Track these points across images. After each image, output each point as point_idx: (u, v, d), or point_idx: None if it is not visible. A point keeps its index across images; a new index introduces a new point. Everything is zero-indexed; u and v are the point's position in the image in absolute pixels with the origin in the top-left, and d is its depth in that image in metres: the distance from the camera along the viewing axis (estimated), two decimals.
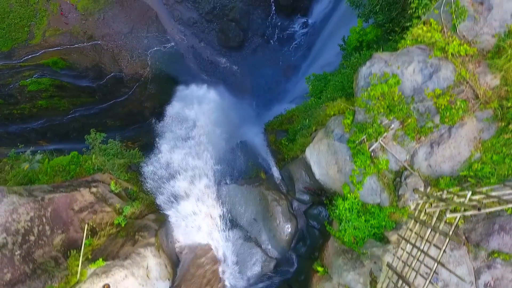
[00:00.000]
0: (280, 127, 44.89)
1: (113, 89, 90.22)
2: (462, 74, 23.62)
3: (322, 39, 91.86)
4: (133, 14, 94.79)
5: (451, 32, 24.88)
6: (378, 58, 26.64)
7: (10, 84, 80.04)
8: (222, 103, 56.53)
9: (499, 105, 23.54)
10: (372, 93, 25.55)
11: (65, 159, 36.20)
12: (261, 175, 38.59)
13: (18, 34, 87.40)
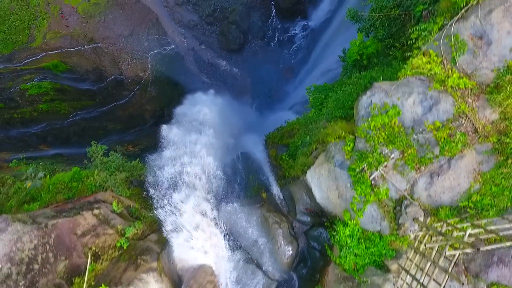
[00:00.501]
0: (281, 141, 44.93)
1: (114, 92, 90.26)
2: (462, 108, 23.83)
3: (323, 43, 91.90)
4: (134, 17, 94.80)
5: (451, 65, 25.06)
6: (379, 87, 26.81)
7: (11, 87, 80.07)
8: (223, 109, 56.74)
9: (498, 140, 23.77)
10: (373, 124, 25.76)
11: (66, 175, 36.35)
12: (262, 195, 38.73)
13: (19, 36, 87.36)
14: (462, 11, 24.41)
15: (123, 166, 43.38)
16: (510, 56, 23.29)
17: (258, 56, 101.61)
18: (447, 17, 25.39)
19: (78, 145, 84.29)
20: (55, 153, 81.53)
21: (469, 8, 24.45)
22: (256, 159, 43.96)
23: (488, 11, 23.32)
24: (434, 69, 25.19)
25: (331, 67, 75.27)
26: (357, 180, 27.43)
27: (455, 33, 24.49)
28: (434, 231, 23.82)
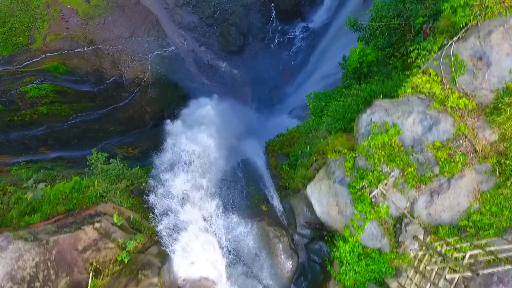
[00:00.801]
0: (281, 150, 44.99)
1: (114, 94, 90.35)
2: (461, 128, 23.92)
3: (323, 45, 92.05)
4: (134, 19, 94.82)
5: (451, 85, 25.13)
6: (379, 105, 26.90)
7: (11, 90, 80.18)
8: (223, 113, 56.85)
9: (498, 161, 23.86)
10: (373, 142, 25.85)
11: (67, 185, 36.35)
12: (262, 207, 38.78)
13: (19, 38, 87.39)
14: (461, 32, 24.45)
15: (123, 174, 43.38)
16: (509, 78, 23.34)
17: (258, 58, 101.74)
18: (447, 37, 25.41)
19: (79, 148, 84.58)
20: (56, 156, 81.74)
21: (468, 28, 24.49)
22: (256, 167, 44.02)
23: (487, 33, 23.36)
24: (434, 88, 25.26)
25: (331, 72, 75.30)
26: (357, 198, 27.51)
27: (455, 53, 24.53)
28: (434, 251, 23.95)
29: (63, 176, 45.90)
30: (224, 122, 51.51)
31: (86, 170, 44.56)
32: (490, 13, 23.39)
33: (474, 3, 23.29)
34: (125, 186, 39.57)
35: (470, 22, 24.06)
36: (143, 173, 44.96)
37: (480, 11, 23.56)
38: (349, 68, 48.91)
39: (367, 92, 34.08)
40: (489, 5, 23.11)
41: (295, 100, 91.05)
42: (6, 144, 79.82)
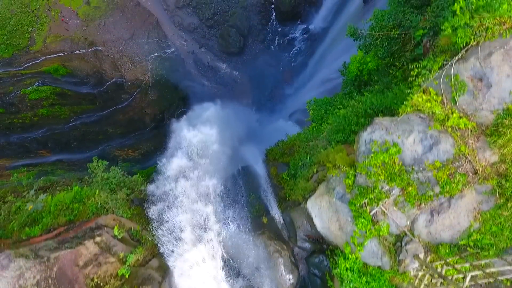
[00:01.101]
0: (282, 158, 44.96)
1: (114, 96, 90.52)
2: (462, 149, 23.93)
3: (323, 47, 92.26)
4: (134, 20, 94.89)
5: (451, 104, 25.12)
6: (379, 124, 26.90)
7: (12, 92, 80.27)
8: (224, 117, 56.84)
9: (498, 183, 23.88)
10: (373, 161, 25.86)
11: (68, 196, 36.28)
12: (263, 220, 38.76)
13: (19, 40, 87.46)
14: (462, 52, 24.44)
15: (123, 181, 43.34)
16: (509, 99, 23.33)
17: (258, 59, 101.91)
18: (447, 57, 25.43)
19: (79, 150, 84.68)
20: (56, 160, 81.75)
21: (468, 48, 24.49)
22: (257, 176, 43.94)
23: (487, 54, 23.34)
24: (434, 108, 25.27)
25: (331, 76, 75.45)
26: (357, 215, 27.54)
27: (455, 74, 24.52)
28: (434, 272, 24.02)
29: (64, 182, 45.82)
30: (226, 126, 51.49)
31: (87, 178, 44.38)
32: (490, 34, 23.40)
33: (474, 24, 23.28)
34: (125, 195, 39.52)
35: (470, 43, 24.06)
36: (143, 180, 44.90)
37: (481, 32, 23.55)
38: (349, 76, 48.96)
39: (367, 105, 34.15)
40: (489, 26, 23.13)
41: (295, 102, 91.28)
42: (7, 147, 79.81)
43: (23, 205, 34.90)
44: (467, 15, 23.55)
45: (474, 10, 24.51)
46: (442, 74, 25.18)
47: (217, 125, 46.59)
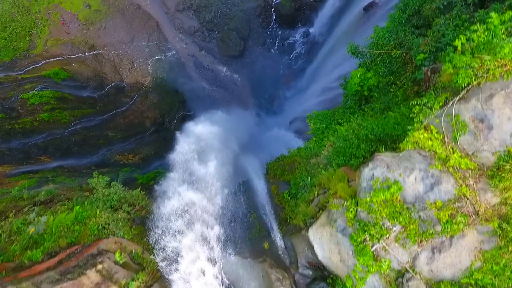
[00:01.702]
0: (282, 176, 44.95)
1: (114, 99, 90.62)
2: (463, 191, 24.05)
3: (324, 51, 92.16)
4: (134, 23, 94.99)
5: (452, 143, 25.21)
6: (381, 160, 26.99)
7: (12, 97, 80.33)
8: (225, 122, 57.05)
9: (499, 226, 24.03)
10: (375, 199, 25.96)
11: (69, 217, 36.30)
12: (264, 245, 38.73)
13: (20, 43, 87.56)
14: (463, 92, 24.55)
15: (124, 197, 43.43)
16: (510, 142, 23.39)
17: (258, 62, 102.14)
18: (448, 96, 25.55)
19: (79, 156, 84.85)
20: (56, 166, 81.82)
21: (470, 88, 24.62)
22: (258, 192, 43.96)
23: (489, 96, 23.41)
24: (435, 147, 25.34)
25: (331, 85, 75.40)
26: (359, 250, 27.63)
27: (456, 113, 24.60)
28: None
29: (65, 195, 45.95)
30: (227, 133, 51.70)
31: (87, 194, 44.45)
32: (491, 75, 23.53)
33: (475, 65, 23.43)
34: (126, 213, 39.61)
35: (471, 83, 24.19)
36: (144, 196, 45.04)
37: (482, 73, 23.69)
38: (349, 90, 49.07)
39: (368, 130, 34.24)
40: (491, 68, 23.27)
41: (295, 108, 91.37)
42: (7, 153, 79.79)
43: (24, 226, 35.05)
44: (469, 56, 23.68)
45: (475, 46, 24.64)
46: (443, 113, 25.28)
47: (218, 134, 46.74)
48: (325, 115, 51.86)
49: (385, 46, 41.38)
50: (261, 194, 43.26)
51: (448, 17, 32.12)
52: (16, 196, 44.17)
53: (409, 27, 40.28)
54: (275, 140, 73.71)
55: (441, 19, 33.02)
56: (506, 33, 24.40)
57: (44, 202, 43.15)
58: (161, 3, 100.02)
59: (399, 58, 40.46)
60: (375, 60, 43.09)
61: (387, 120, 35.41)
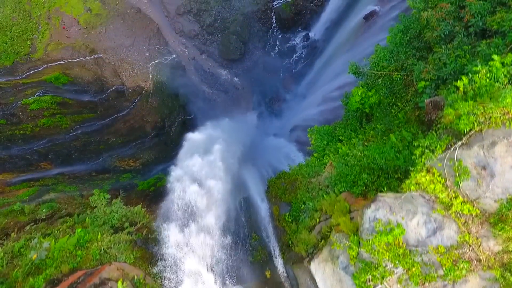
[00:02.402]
0: (284, 196, 44.95)
1: (115, 103, 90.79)
2: (465, 237, 24.14)
3: (324, 58, 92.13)
4: (135, 27, 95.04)
5: (454, 188, 25.30)
6: (383, 202, 27.07)
7: (13, 103, 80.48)
8: (225, 128, 57.09)
9: (501, 274, 24.15)
10: (377, 242, 26.09)
11: (71, 241, 36.45)
12: (266, 274, 38.77)
13: (21, 47, 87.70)
14: (465, 137, 24.63)
15: (126, 215, 43.61)
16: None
17: (258, 66, 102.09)
18: (451, 140, 25.64)
19: (80, 162, 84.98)
20: (57, 173, 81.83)
21: (472, 134, 24.72)
22: (259, 211, 44.02)
23: (491, 143, 23.44)
24: (438, 190, 25.45)
25: (332, 95, 75.14)
26: None
27: (459, 159, 24.64)
28: None
29: (66, 210, 46.23)
30: (228, 140, 51.76)
31: (89, 213, 44.51)
32: (494, 123, 23.67)
33: (477, 112, 23.57)
34: (128, 236, 39.59)
35: (474, 128, 24.31)
36: (145, 213, 45.16)
37: (484, 119, 23.82)
38: (351, 107, 49.11)
39: (370, 159, 34.39)
40: (493, 115, 23.41)
41: (296, 114, 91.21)
42: (8, 160, 79.89)
43: (26, 251, 35.22)
44: (471, 103, 23.83)
45: (477, 88, 24.81)
46: (446, 157, 25.33)
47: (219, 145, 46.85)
48: (326, 131, 51.97)
49: (386, 67, 41.44)
50: (263, 214, 43.38)
51: (450, 47, 32.12)
52: (17, 211, 44.33)
53: (410, 49, 40.30)
54: (276, 149, 73.71)
55: (442, 48, 33.05)
56: (508, 76, 24.53)
57: (46, 219, 43.29)
58: (162, 7, 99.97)
59: (400, 80, 40.50)
60: (376, 81, 43.07)
61: (388, 147, 35.53)
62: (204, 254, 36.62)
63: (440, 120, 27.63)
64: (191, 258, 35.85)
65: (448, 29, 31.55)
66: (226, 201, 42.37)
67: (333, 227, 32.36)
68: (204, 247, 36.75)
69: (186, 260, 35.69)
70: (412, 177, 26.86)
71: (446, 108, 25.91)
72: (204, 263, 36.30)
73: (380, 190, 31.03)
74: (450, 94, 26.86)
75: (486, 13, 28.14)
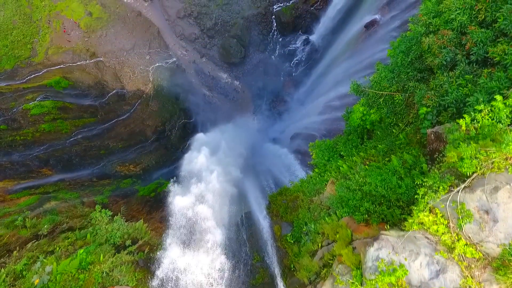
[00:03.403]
0: (285, 215, 44.90)
1: (115, 107, 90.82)
2: (468, 282, 24.24)
3: (325, 63, 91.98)
4: (135, 31, 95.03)
5: (457, 230, 25.43)
6: (386, 241, 27.19)
7: (13, 108, 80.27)
8: (227, 134, 57.15)
9: None
10: (380, 283, 26.23)
11: (73, 263, 36.38)
12: None
13: (21, 51, 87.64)
14: (468, 181, 24.70)
15: (127, 232, 43.71)
16: None
17: (259, 69, 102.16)
18: (453, 182, 25.69)
19: (80, 167, 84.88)
20: (58, 180, 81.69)
21: (475, 177, 24.77)
22: (260, 230, 44.00)
23: (494, 188, 23.51)
24: (440, 232, 25.56)
25: (333, 104, 75.20)
26: None
27: (461, 202, 24.67)
28: None
29: (67, 223, 46.36)
30: (229, 147, 51.84)
31: (91, 230, 44.50)
32: (496, 167, 23.79)
33: (480, 157, 23.67)
34: (130, 256, 39.61)
35: (477, 172, 24.38)
36: (146, 228, 45.29)
37: (487, 163, 23.92)
38: (352, 123, 49.15)
39: (372, 187, 34.48)
40: (495, 160, 23.53)
41: (296, 120, 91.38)
42: (9, 166, 79.71)
43: (29, 273, 35.28)
44: (473, 146, 23.91)
45: (480, 127, 24.91)
46: (449, 199, 25.41)
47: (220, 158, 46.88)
48: (327, 146, 52.00)
49: (388, 88, 41.43)
50: (264, 234, 43.43)
51: (452, 75, 32.10)
52: (19, 225, 44.43)
53: (411, 70, 40.29)
54: (276, 157, 73.86)
55: (444, 76, 33.04)
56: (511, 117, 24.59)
57: (47, 235, 43.38)
58: (162, 10, 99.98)
59: (402, 101, 40.48)
60: (378, 101, 43.07)
61: (390, 173, 35.58)
62: (207, 274, 36.58)
63: (443, 159, 27.68)
64: (194, 278, 35.79)
65: (450, 57, 31.53)
66: (228, 219, 42.35)
67: (335, 256, 32.42)
68: (207, 268, 36.69)
69: (189, 281, 35.59)
70: (415, 216, 26.96)
71: (449, 147, 25.97)
72: (207, 285, 36.25)
73: (382, 219, 31.03)
74: (453, 132, 26.90)
75: (488, 42, 28.13)
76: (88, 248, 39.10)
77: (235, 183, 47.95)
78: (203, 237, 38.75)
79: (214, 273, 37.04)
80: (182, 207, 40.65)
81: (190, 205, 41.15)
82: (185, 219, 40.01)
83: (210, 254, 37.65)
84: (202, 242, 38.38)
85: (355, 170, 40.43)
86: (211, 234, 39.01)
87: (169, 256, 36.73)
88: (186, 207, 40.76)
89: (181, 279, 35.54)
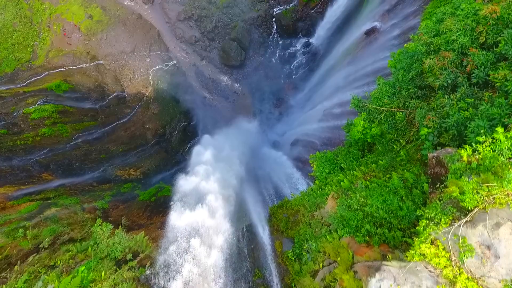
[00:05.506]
0: (286, 231, 44.90)
1: (116, 110, 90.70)
2: None
3: (325, 68, 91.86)
4: (136, 33, 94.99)
5: (459, 263, 25.54)
6: (388, 272, 27.32)
7: (14, 112, 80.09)
8: (227, 140, 57.21)
9: None
10: None
11: (75, 282, 36.28)
12: None
13: (22, 54, 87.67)
14: (470, 215, 24.76)
15: (128, 246, 43.76)
16: None
17: (259, 72, 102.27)
18: (454, 214, 25.76)
19: (81, 172, 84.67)
20: (58, 185, 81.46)
21: (476, 211, 24.83)
22: (261, 245, 44.04)
23: (495, 224, 23.61)
24: (442, 264, 25.67)
25: (334, 111, 74.88)
26: None
27: (463, 236, 24.76)
28: None
29: (68, 234, 46.46)
30: (229, 153, 51.96)
31: (92, 243, 44.53)
32: (498, 203, 23.86)
33: (482, 192, 23.74)
34: (131, 272, 39.64)
35: (478, 206, 24.44)
36: (147, 241, 45.37)
37: (488, 199, 23.99)
38: (352, 136, 49.17)
39: (373, 208, 34.58)
40: (497, 196, 23.60)
41: (296, 125, 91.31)
42: (9, 171, 79.27)
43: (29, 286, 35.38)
44: (475, 182, 23.98)
45: (481, 159, 24.99)
46: (450, 232, 25.49)
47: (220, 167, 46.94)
48: (328, 158, 52.01)
49: (389, 104, 41.41)
50: (266, 251, 43.46)
51: (453, 98, 32.12)
52: (20, 237, 44.48)
53: (412, 87, 40.29)
54: (277, 164, 73.80)
55: (445, 98, 33.07)
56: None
57: (48, 247, 43.46)
58: (163, 13, 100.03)
59: (403, 118, 40.50)
60: (379, 116, 43.08)
61: (391, 194, 35.62)
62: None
63: (444, 190, 27.73)
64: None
65: (451, 78, 31.50)
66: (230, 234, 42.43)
67: (337, 279, 32.56)
68: (209, 285, 36.77)
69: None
70: (416, 247, 27.01)
71: (450, 180, 26.05)
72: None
73: (383, 240, 31.17)
74: (454, 161, 26.97)
75: (489, 64, 28.09)
76: (89, 264, 39.08)
77: (236, 190, 48.05)
78: (206, 254, 38.72)
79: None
80: (186, 223, 40.72)
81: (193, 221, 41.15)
82: (187, 233, 40.04)
83: (211, 270, 37.66)
84: (205, 258, 38.34)
85: (355, 187, 40.43)
86: (213, 251, 39.03)
87: (171, 272, 36.70)
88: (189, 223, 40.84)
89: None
